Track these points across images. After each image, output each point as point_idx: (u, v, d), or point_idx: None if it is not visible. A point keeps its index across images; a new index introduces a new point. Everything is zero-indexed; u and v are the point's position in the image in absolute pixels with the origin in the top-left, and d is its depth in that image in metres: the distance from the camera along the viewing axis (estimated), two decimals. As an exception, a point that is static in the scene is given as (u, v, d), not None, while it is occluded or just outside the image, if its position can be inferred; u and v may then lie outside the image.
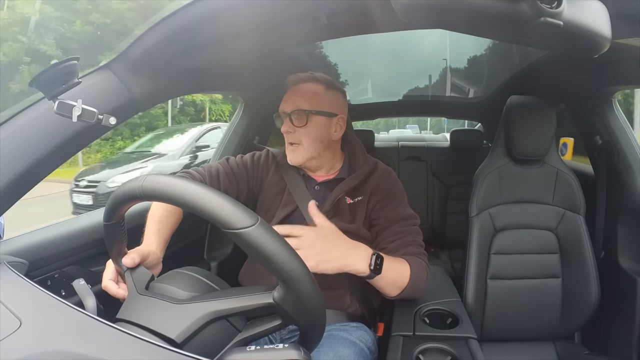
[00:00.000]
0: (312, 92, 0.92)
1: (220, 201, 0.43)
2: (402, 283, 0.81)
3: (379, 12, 0.60)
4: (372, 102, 2.30)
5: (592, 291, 1.18)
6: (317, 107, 0.90)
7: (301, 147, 0.91)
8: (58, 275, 0.80)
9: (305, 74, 0.95)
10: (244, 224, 0.42)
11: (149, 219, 0.80)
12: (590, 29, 0.42)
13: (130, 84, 0.71)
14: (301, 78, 0.94)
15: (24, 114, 0.62)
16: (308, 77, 0.94)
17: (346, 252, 0.75)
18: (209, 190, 0.45)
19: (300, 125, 0.90)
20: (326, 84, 0.94)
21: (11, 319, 0.43)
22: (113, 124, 0.63)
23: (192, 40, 0.70)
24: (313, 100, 0.90)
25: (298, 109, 0.89)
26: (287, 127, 0.90)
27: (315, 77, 0.94)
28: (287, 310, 0.47)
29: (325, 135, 0.92)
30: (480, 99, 2.16)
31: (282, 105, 0.93)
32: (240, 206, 0.44)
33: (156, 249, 0.72)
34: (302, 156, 0.92)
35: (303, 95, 0.91)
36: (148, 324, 0.47)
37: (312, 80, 0.93)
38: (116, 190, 0.51)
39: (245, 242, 0.43)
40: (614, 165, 1.27)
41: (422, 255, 0.87)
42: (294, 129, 0.90)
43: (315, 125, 0.90)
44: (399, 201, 0.94)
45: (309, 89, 0.92)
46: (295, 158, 0.92)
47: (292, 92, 0.93)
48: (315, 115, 0.90)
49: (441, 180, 2.28)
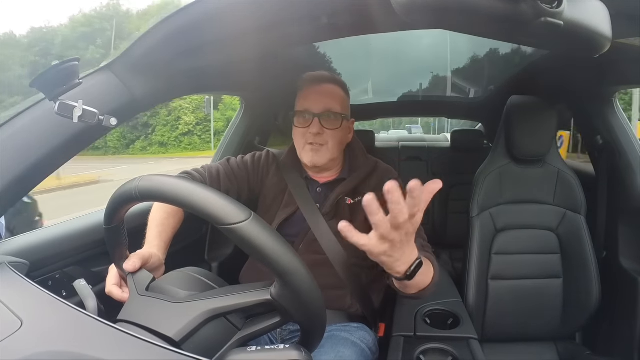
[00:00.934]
0: (339, 95, 0.91)
1: (212, 197, 0.44)
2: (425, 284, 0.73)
3: (380, 12, 0.60)
4: (373, 102, 2.30)
5: (593, 291, 1.18)
6: (345, 111, 0.91)
7: (325, 149, 0.89)
8: (59, 276, 0.80)
9: (326, 73, 0.94)
10: (237, 219, 0.43)
11: (150, 221, 0.80)
12: (590, 28, 0.42)
13: (131, 84, 0.71)
14: (326, 77, 0.93)
15: (25, 114, 0.62)
16: (331, 78, 0.93)
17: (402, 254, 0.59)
18: (202, 187, 0.45)
19: (332, 127, 0.88)
20: (343, 87, 0.94)
21: (12, 319, 0.43)
22: (114, 124, 0.63)
23: (192, 40, 0.70)
24: (342, 103, 0.91)
25: (330, 110, 0.88)
26: (318, 129, 0.88)
27: (337, 79, 0.93)
28: (285, 306, 0.47)
29: (345, 139, 0.94)
30: (481, 99, 2.16)
31: (308, 104, 0.90)
32: (233, 202, 0.44)
33: (158, 251, 0.72)
34: (326, 157, 0.90)
35: (332, 97, 0.90)
36: (147, 324, 0.47)
37: (335, 82, 0.93)
38: (114, 193, 0.52)
39: (239, 237, 0.43)
40: (615, 165, 1.27)
41: (428, 248, 0.84)
42: (324, 131, 0.88)
43: (343, 129, 0.91)
44: None
45: (335, 91, 0.91)
46: (319, 159, 0.90)
47: (317, 92, 0.91)
48: (344, 119, 0.90)
49: (442, 181, 2.27)
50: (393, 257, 0.56)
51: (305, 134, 0.89)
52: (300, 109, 0.91)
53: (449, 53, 1.91)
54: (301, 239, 0.92)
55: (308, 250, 0.90)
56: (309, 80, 0.93)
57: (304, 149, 0.91)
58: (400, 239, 0.53)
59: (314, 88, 0.91)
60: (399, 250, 0.56)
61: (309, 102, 0.90)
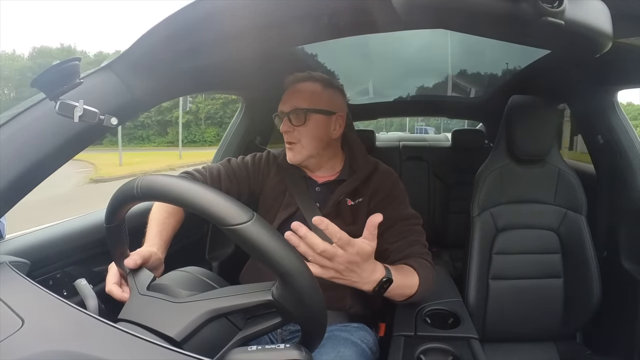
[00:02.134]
0: (309, 91, 0.92)
1: (215, 198, 0.44)
2: (410, 293, 0.79)
3: (380, 11, 0.60)
4: (373, 102, 2.30)
5: (594, 291, 1.18)
6: (315, 106, 0.90)
7: (299, 146, 0.91)
8: (60, 275, 0.80)
9: (303, 73, 0.95)
10: (239, 220, 0.42)
11: (150, 220, 0.81)
12: (591, 28, 0.42)
13: (132, 84, 0.71)
14: (299, 78, 0.94)
15: (26, 114, 0.62)
16: (306, 77, 0.94)
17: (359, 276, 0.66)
18: (204, 187, 0.45)
19: (298, 124, 0.90)
20: (324, 82, 0.94)
21: (13, 319, 0.44)
22: (114, 124, 0.63)
23: (193, 40, 0.70)
24: (311, 99, 0.91)
25: (296, 108, 0.90)
26: (286, 127, 0.91)
27: (313, 76, 0.94)
28: (287, 307, 0.47)
29: (324, 134, 0.92)
30: (482, 98, 2.16)
31: (281, 106, 0.93)
32: (236, 202, 0.44)
33: (158, 250, 0.72)
34: (301, 154, 0.92)
35: (301, 94, 0.91)
36: (148, 323, 0.47)
37: (310, 79, 0.94)
38: (115, 192, 0.52)
39: (241, 238, 0.43)
40: (616, 165, 1.27)
41: (426, 255, 0.86)
42: (293, 128, 0.90)
43: (314, 124, 0.90)
44: (400, 201, 0.93)
45: (306, 88, 0.92)
46: (294, 157, 0.92)
47: (290, 92, 0.93)
48: (314, 114, 0.90)
49: (442, 180, 2.27)
50: (348, 279, 0.64)
51: (284, 134, 0.93)
52: (278, 111, 0.95)
53: (450, 53, 1.90)
54: None
55: None
56: (287, 82, 0.95)
57: (286, 148, 0.94)
58: (345, 267, 0.62)
59: (289, 89, 0.94)
60: (352, 275, 0.64)
61: (282, 103, 0.94)
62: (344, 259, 0.61)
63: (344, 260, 0.61)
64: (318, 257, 0.60)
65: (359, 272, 0.65)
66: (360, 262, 0.63)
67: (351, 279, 0.65)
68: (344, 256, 0.61)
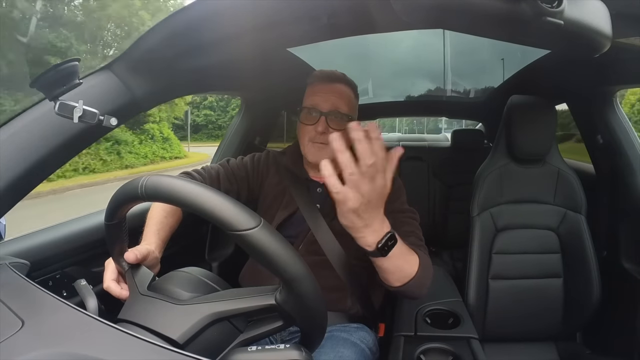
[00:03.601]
0: (348, 96, 0.91)
1: (223, 203, 0.43)
2: (408, 274, 0.71)
3: (379, 12, 0.60)
4: (373, 102, 2.30)
5: (593, 291, 1.18)
6: (353, 112, 0.90)
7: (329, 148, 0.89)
8: (59, 276, 0.80)
9: (338, 72, 0.93)
10: (247, 225, 0.42)
11: (148, 219, 0.80)
12: (590, 28, 0.42)
13: (131, 84, 0.71)
14: (337, 76, 0.92)
15: (25, 115, 0.62)
16: (342, 78, 0.92)
17: (372, 220, 0.58)
18: (211, 191, 0.44)
19: (338, 128, 0.87)
20: (355, 89, 0.94)
21: (13, 320, 0.43)
22: (114, 124, 0.63)
23: (193, 40, 0.70)
24: (349, 104, 0.90)
25: (337, 110, 0.88)
26: (323, 127, 0.87)
27: (348, 80, 0.93)
28: (289, 312, 0.47)
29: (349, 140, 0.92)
30: (481, 98, 2.16)
31: (317, 102, 0.89)
32: (243, 208, 0.44)
33: (155, 249, 0.71)
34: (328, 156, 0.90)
35: (341, 97, 0.89)
36: (150, 325, 0.47)
37: (345, 82, 0.92)
38: (117, 191, 0.51)
39: (248, 243, 0.42)
40: (616, 165, 1.27)
41: (422, 248, 0.81)
42: (329, 130, 0.87)
43: None
44: (396, 196, 0.91)
45: (344, 91, 0.91)
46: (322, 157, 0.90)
47: (327, 90, 0.90)
48: (351, 121, 0.89)
49: (442, 180, 2.27)
50: (362, 218, 0.56)
51: (311, 131, 0.89)
52: (308, 105, 0.90)
53: (449, 53, 1.91)
54: (301, 239, 0.92)
55: (308, 251, 0.90)
56: (320, 77, 0.92)
57: (308, 146, 0.91)
58: (370, 195, 0.53)
59: (324, 86, 0.91)
60: (368, 211, 0.56)
61: (317, 99, 0.89)
62: (378, 188, 0.53)
63: (377, 190, 0.53)
64: (366, 170, 0.51)
65: (374, 214, 0.57)
66: (381, 201, 0.56)
67: (365, 216, 0.56)
68: (380, 185, 0.53)
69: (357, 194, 0.52)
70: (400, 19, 0.43)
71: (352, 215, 0.55)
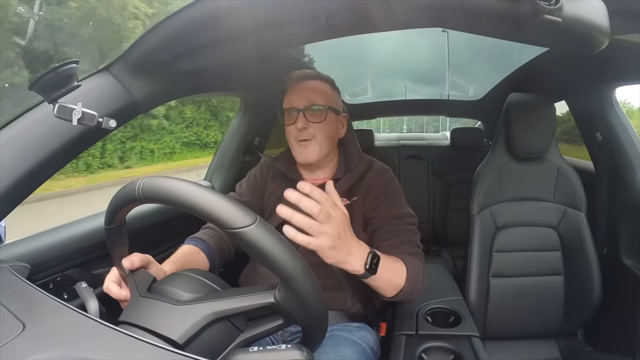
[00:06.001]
0: (323, 89, 0.92)
1: (219, 201, 0.43)
2: (398, 283, 0.76)
3: (378, 11, 0.60)
4: (372, 101, 2.30)
5: (594, 288, 1.18)
6: (331, 104, 0.91)
7: (314, 143, 0.90)
8: (60, 279, 0.80)
9: (311, 71, 0.94)
10: (242, 223, 0.42)
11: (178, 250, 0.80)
12: (589, 25, 0.42)
13: (130, 86, 0.71)
14: (309, 74, 0.93)
15: (24, 117, 0.62)
16: (315, 75, 0.94)
17: (350, 246, 0.66)
18: (207, 190, 0.45)
19: (317, 120, 0.89)
20: (331, 83, 0.95)
21: (14, 323, 0.43)
22: (113, 126, 0.63)
23: (191, 41, 0.70)
24: (326, 97, 0.91)
25: (314, 104, 0.89)
26: (303, 123, 0.88)
27: (322, 76, 0.94)
28: (289, 310, 0.47)
29: (335, 133, 0.93)
30: (480, 97, 2.16)
31: (293, 101, 0.90)
32: (239, 206, 0.44)
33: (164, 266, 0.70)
34: (316, 152, 0.90)
35: (316, 91, 0.91)
36: (150, 326, 0.47)
37: (320, 78, 0.94)
38: (116, 194, 0.51)
39: (244, 241, 0.42)
40: (615, 162, 1.27)
41: (417, 256, 0.83)
42: (309, 125, 0.89)
43: (330, 121, 0.90)
44: (394, 199, 0.92)
45: (318, 86, 0.92)
46: (309, 155, 0.90)
47: (302, 88, 0.91)
48: (330, 111, 0.90)
49: (442, 179, 2.28)
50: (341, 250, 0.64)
51: (294, 131, 0.91)
52: (286, 106, 0.92)
53: (448, 51, 1.91)
54: None
55: (308, 251, 0.89)
56: (294, 79, 0.94)
57: (295, 146, 0.92)
58: (336, 229, 0.62)
59: (299, 85, 0.92)
60: (342, 241, 0.64)
61: (293, 98, 0.91)
62: (338, 222, 0.62)
63: (338, 223, 0.62)
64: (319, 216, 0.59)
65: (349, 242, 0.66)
66: (348, 228, 0.66)
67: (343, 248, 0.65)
68: (338, 217, 0.62)
69: (325, 236, 0.61)
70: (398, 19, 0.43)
71: (333, 252, 0.63)
